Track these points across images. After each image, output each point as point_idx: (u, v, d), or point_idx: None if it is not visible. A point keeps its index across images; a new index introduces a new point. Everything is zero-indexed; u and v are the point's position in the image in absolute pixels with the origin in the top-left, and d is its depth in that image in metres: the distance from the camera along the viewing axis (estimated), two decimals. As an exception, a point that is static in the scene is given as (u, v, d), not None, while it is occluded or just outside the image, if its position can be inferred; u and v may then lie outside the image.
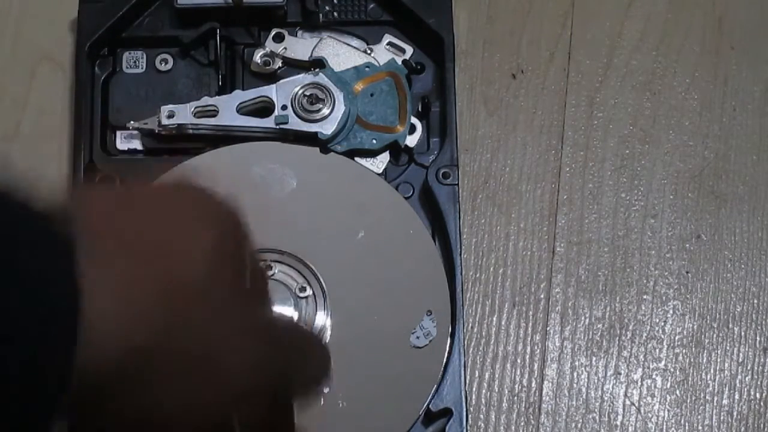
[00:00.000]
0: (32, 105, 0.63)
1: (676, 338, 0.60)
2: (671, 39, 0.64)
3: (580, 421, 0.58)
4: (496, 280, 0.60)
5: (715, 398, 0.59)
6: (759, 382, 0.59)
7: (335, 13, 0.61)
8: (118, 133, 0.60)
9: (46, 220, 0.28)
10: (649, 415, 0.58)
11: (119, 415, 0.32)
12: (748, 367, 0.59)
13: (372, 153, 0.59)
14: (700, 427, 0.58)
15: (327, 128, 0.58)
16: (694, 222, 0.62)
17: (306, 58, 0.60)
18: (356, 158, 0.59)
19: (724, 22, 0.65)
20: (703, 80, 0.64)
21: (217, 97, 0.59)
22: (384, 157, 0.59)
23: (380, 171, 0.59)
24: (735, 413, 0.59)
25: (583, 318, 0.60)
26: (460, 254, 0.57)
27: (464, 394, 0.55)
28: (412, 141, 0.59)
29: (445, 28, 0.60)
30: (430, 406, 0.54)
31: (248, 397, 0.35)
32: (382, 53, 0.60)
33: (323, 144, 0.58)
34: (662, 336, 0.60)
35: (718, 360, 0.59)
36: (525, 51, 0.64)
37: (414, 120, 0.59)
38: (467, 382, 0.56)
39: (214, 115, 0.58)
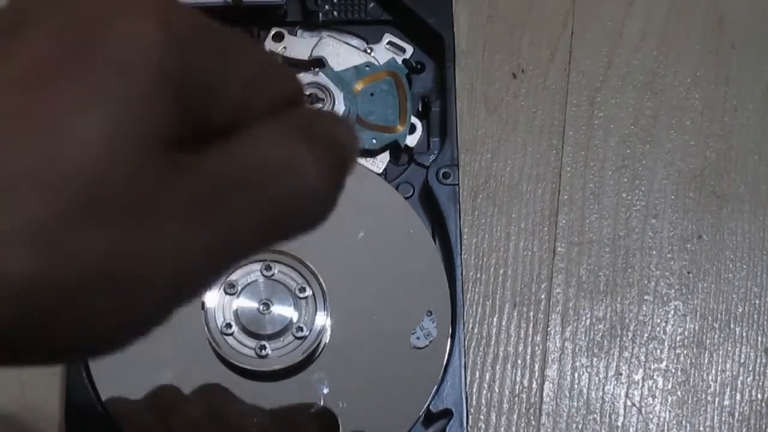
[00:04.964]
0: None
1: (678, 339, 0.59)
2: (672, 38, 0.64)
3: (581, 422, 0.58)
4: (496, 280, 0.60)
5: (717, 399, 0.59)
6: (760, 383, 0.59)
7: (335, 13, 0.61)
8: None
9: None
10: (651, 416, 0.58)
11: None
12: (750, 368, 0.59)
13: (372, 153, 0.58)
14: (701, 428, 0.58)
15: (327, 128, 0.58)
16: (696, 222, 0.61)
17: (306, 58, 0.60)
18: (356, 158, 0.58)
19: (725, 21, 0.64)
20: (704, 80, 0.64)
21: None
22: (384, 157, 0.59)
23: (380, 171, 0.58)
24: (736, 414, 0.58)
25: (584, 318, 0.59)
26: (460, 254, 0.57)
27: (465, 395, 0.54)
28: (412, 141, 0.59)
29: (445, 27, 0.60)
30: (431, 407, 0.54)
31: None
32: (382, 53, 0.60)
33: (323, 144, 0.58)
34: (663, 336, 0.59)
35: (720, 361, 0.59)
36: (525, 50, 0.64)
37: (414, 120, 0.59)
38: (467, 382, 0.55)
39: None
